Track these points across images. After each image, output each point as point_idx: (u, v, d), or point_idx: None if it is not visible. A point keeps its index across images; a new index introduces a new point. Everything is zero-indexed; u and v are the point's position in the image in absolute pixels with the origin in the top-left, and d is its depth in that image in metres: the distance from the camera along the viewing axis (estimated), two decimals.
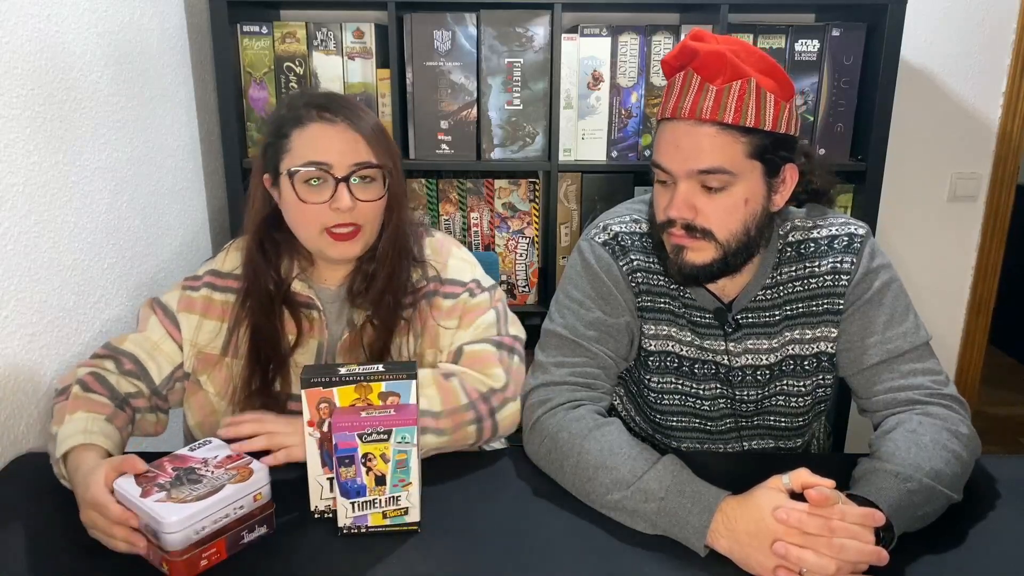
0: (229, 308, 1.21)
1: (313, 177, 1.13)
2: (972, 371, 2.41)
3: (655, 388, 1.25)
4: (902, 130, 2.13)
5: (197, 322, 1.22)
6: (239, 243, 1.26)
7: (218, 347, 1.21)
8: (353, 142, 1.13)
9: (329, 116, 1.13)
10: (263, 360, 1.19)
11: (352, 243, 1.16)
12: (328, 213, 1.13)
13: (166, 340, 1.21)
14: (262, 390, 1.18)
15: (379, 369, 0.97)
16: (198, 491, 0.93)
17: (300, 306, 1.22)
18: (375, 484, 0.95)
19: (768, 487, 0.93)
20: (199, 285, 1.24)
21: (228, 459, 0.99)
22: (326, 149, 1.12)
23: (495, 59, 1.84)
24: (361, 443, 0.93)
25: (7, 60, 1.17)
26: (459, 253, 1.29)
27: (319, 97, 1.17)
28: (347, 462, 0.94)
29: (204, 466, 0.98)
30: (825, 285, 1.16)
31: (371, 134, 1.15)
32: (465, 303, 1.23)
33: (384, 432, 0.93)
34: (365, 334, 1.20)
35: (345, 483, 0.95)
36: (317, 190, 1.13)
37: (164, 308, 1.23)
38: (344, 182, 1.12)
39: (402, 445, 0.94)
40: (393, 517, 0.97)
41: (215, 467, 0.97)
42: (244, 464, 0.98)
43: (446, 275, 1.25)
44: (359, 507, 0.96)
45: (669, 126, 1.08)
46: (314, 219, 1.14)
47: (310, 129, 1.13)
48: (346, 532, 0.97)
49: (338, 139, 1.13)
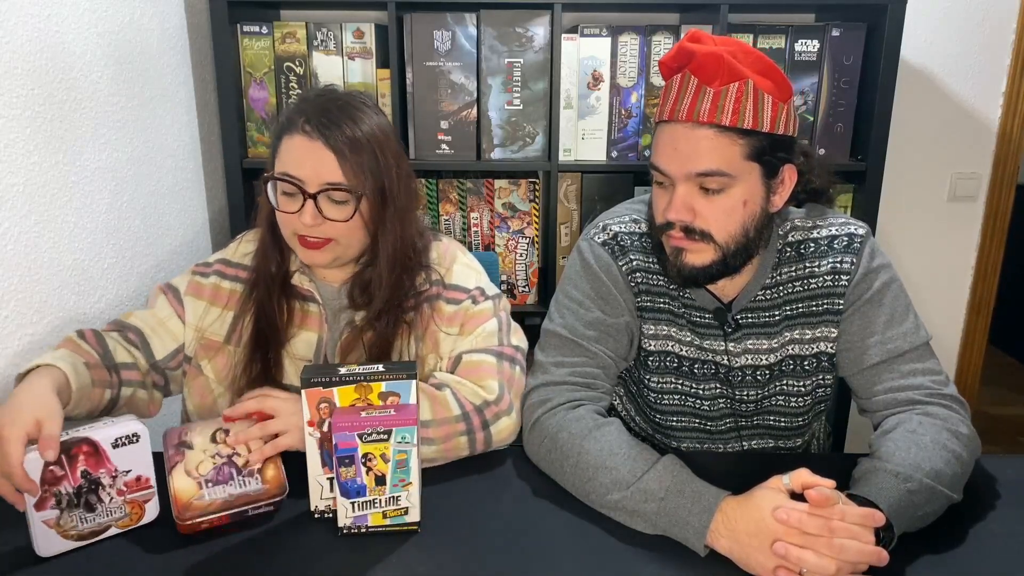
0: (236, 297, 1.23)
1: (285, 191, 1.15)
2: (972, 371, 2.41)
3: (655, 388, 1.25)
4: (902, 130, 2.13)
5: (204, 308, 1.24)
6: (251, 235, 1.28)
7: (221, 334, 1.22)
8: (327, 161, 1.12)
9: (309, 130, 1.12)
10: (264, 347, 1.20)
11: (321, 252, 1.16)
12: (298, 222, 1.14)
13: (172, 318, 1.23)
14: (261, 377, 1.19)
15: (379, 369, 0.97)
16: (81, 528, 0.93)
17: (300, 298, 1.23)
18: (375, 484, 0.95)
19: (768, 487, 0.93)
20: (209, 272, 1.26)
21: (136, 482, 0.96)
22: (300, 164, 1.12)
23: (495, 59, 1.84)
24: (361, 443, 0.93)
25: (7, 60, 1.17)
26: (464, 259, 1.29)
27: (317, 102, 1.15)
28: (347, 462, 0.94)
29: (111, 485, 0.94)
30: (825, 285, 1.16)
31: (349, 154, 1.12)
32: (467, 310, 1.23)
33: (384, 432, 0.93)
34: (365, 336, 1.20)
35: (345, 483, 0.95)
36: (291, 200, 1.15)
37: (173, 290, 1.25)
38: (312, 199, 1.12)
39: (402, 445, 0.94)
40: (393, 517, 0.97)
41: (117, 492, 0.95)
42: (144, 498, 0.97)
43: (450, 280, 1.24)
44: (359, 507, 0.96)
45: (667, 128, 1.08)
46: (287, 224, 1.16)
47: (293, 140, 1.13)
48: (346, 532, 0.97)
49: (312, 156, 1.12)
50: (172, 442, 1.00)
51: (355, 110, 1.15)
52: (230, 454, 0.99)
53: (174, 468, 0.97)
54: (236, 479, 0.98)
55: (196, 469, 0.97)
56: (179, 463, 0.97)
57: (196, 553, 0.94)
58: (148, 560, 0.93)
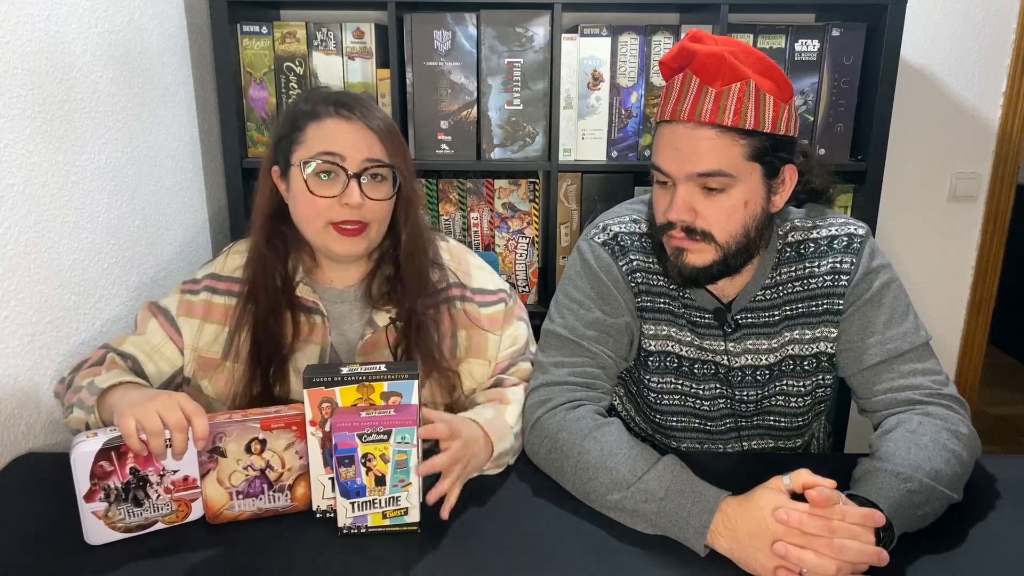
0: (229, 311, 1.20)
1: (324, 171, 1.13)
2: (972, 371, 2.41)
3: (655, 388, 1.25)
4: (902, 130, 2.13)
5: (198, 326, 1.21)
6: (238, 246, 1.26)
7: (218, 351, 1.20)
8: (367, 139, 1.14)
9: (346, 112, 1.13)
10: (264, 363, 1.18)
11: (357, 240, 1.15)
12: (336, 208, 1.13)
13: (167, 344, 1.21)
14: (263, 394, 1.18)
15: (381, 369, 0.97)
16: (128, 521, 0.95)
17: (303, 310, 1.21)
18: (375, 484, 0.95)
19: (769, 488, 0.93)
20: (198, 289, 1.23)
21: (183, 482, 0.97)
22: (340, 143, 1.12)
23: (495, 59, 1.84)
24: (361, 443, 0.93)
25: (7, 60, 1.17)
26: (477, 262, 1.31)
27: (337, 94, 1.18)
28: (347, 462, 0.94)
29: (158, 483, 0.96)
30: (825, 285, 1.16)
31: (385, 133, 1.15)
32: (503, 312, 1.27)
33: (384, 432, 0.93)
34: (389, 335, 1.20)
35: (345, 483, 0.95)
36: (327, 184, 1.13)
37: (164, 312, 1.22)
38: (356, 178, 1.12)
39: (402, 445, 0.94)
40: (393, 517, 0.97)
41: (165, 490, 0.96)
42: (190, 497, 0.98)
43: (472, 285, 1.26)
44: (359, 507, 0.96)
45: (668, 128, 1.08)
46: (322, 213, 1.13)
47: (326, 123, 1.13)
48: (346, 532, 0.97)
49: (352, 135, 1.13)
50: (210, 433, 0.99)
51: (370, 101, 1.18)
52: (263, 467, 0.99)
53: (207, 475, 0.97)
54: (266, 494, 1.00)
55: (228, 479, 0.98)
56: (212, 471, 0.97)
57: (197, 552, 0.94)
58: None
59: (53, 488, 1.05)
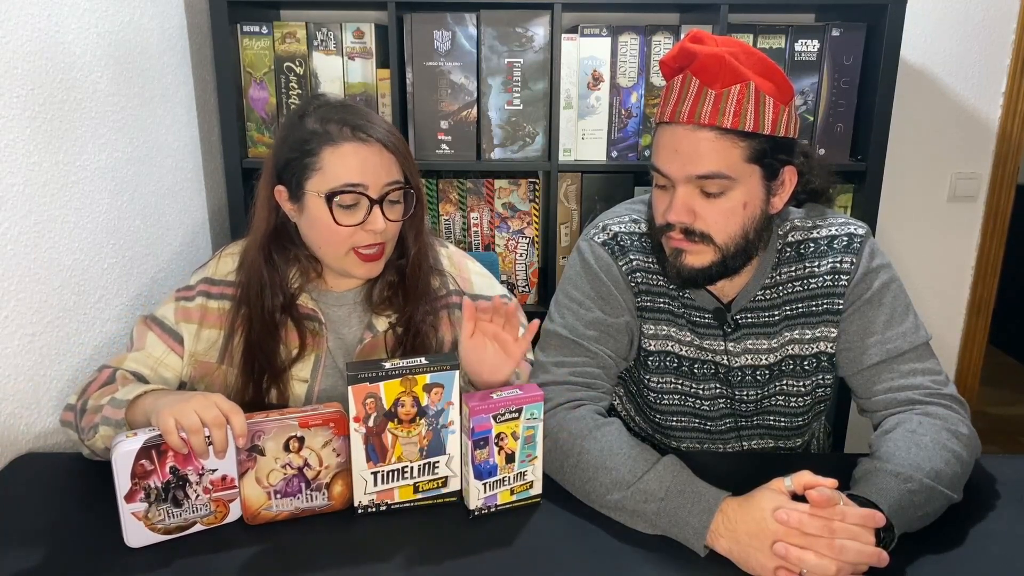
0: (225, 315, 1.20)
1: (350, 203, 1.12)
2: (972, 371, 2.41)
3: (655, 388, 1.25)
4: (902, 130, 2.13)
5: (195, 331, 1.21)
6: (230, 249, 1.26)
7: (215, 355, 1.21)
8: (386, 162, 1.13)
9: (363, 135, 1.11)
10: (256, 372, 1.18)
11: (378, 263, 1.17)
12: (360, 234, 1.13)
13: (169, 354, 1.20)
14: (255, 400, 1.18)
15: (422, 362, 0.98)
16: (168, 523, 0.95)
17: (304, 319, 1.20)
18: (505, 462, 1.01)
19: (769, 488, 0.93)
20: (193, 295, 1.22)
21: (222, 481, 0.97)
22: (362, 171, 1.11)
23: (495, 59, 1.84)
24: (495, 423, 0.98)
25: (7, 60, 1.17)
26: (477, 268, 1.31)
27: (344, 110, 1.14)
28: (481, 444, 0.98)
29: (197, 483, 0.96)
30: (825, 285, 1.16)
31: (398, 148, 1.14)
32: None
33: (516, 411, 0.98)
34: (388, 340, 1.21)
35: (479, 465, 0.99)
36: (351, 212, 1.12)
37: (161, 323, 1.22)
38: (378, 204, 1.12)
39: (531, 421, 1.01)
40: (520, 492, 1.03)
41: (204, 490, 0.97)
42: (228, 497, 0.98)
43: (472, 291, 1.26)
44: (490, 487, 1.01)
45: (667, 130, 1.08)
46: (344, 240, 1.14)
47: (343, 148, 1.11)
48: (477, 514, 1.00)
49: (372, 159, 1.12)
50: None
51: (373, 113, 1.17)
52: (301, 465, 0.99)
53: (245, 475, 0.97)
54: (304, 492, 1.00)
55: (267, 478, 0.98)
56: (250, 470, 0.97)
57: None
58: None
59: (54, 488, 1.05)
